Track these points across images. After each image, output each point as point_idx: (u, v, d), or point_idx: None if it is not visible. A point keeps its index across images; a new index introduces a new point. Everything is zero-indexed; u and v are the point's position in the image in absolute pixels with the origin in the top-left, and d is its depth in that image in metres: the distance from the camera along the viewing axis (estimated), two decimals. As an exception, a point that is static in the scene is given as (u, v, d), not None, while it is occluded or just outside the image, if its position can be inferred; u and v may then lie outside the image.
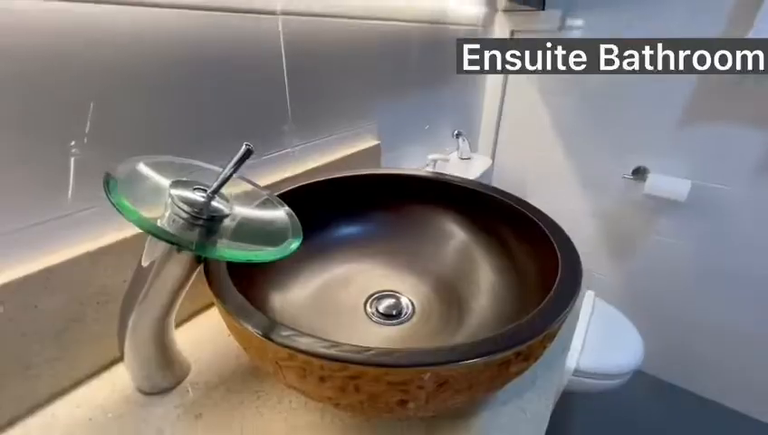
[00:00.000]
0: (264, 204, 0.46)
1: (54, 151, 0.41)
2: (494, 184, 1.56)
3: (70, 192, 0.43)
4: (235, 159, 0.35)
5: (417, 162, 1.13)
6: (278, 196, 0.53)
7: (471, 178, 1.12)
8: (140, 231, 0.33)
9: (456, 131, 1.25)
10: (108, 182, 0.32)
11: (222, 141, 0.57)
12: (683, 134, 1.18)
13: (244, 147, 0.35)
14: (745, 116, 1.09)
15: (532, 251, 0.53)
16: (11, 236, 0.39)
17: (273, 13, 0.59)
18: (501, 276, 0.56)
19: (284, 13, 0.60)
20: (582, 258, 0.42)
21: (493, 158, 1.54)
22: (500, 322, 0.48)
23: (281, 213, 0.44)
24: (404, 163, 1.07)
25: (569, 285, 0.40)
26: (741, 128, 1.10)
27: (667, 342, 1.44)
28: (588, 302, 1.26)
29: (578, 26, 1.25)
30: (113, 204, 0.30)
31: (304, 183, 0.60)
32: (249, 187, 0.48)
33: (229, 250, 0.36)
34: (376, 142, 0.89)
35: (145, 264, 0.37)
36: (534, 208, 0.56)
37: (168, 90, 0.49)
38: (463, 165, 1.25)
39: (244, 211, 0.42)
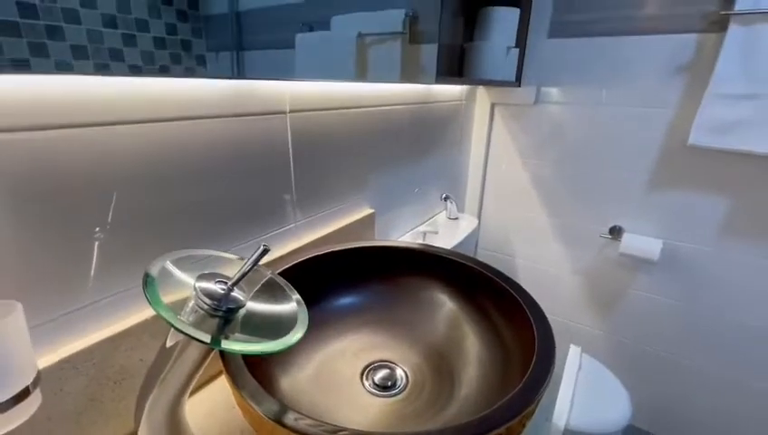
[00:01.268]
0: (272, 286, 0.50)
1: (80, 250, 0.45)
2: (481, 242, 1.65)
3: (91, 283, 0.47)
4: (254, 257, 0.40)
5: (408, 223, 1.20)
6: (282, 271, 0.58)
7: (459, 238, 1.21)
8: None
9: (444, 195, 1.33)
10: (146, 281, 0.37)
11: (235, 224, 0.63)
12: (652, 196, 1.27)
13: (261, 247, 0.40)
14: (705, 182, 1.18)
15: (512, 324, 0.58)
16: (47, 326, 0.43)
17: (282, 112, 0.66)
18: (486, 347, 0.60)
19: (292, 111, 0.68)
20: (568, 312, 0.47)
21: (479, 217, 1.62)
22: (487, 394, 0.52)
23: (289, 299, 0.48)
24: (396, 224, 1.13)
25: (543, 365, 0.45)
26: (703, 192, 1.19)
27: (654, 394, 1.45)
28: (574, 358, 1.28)
29: (552, 100, 1.37)
30: (149, 302, 0.35)
31: (304, 258, 0.64)
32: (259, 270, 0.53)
33: (242, 344, 0.40)
34: (370, 211, 0.95)
35: (169, 344, 0.41)
36: (513, 282, 0.62)
37: (187, 182, 0.54)
38: (451, 225, 1.31)
39: (256, 301, 0.46)
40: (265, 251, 0.41)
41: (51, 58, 0.34)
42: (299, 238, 0.77)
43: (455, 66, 1.22)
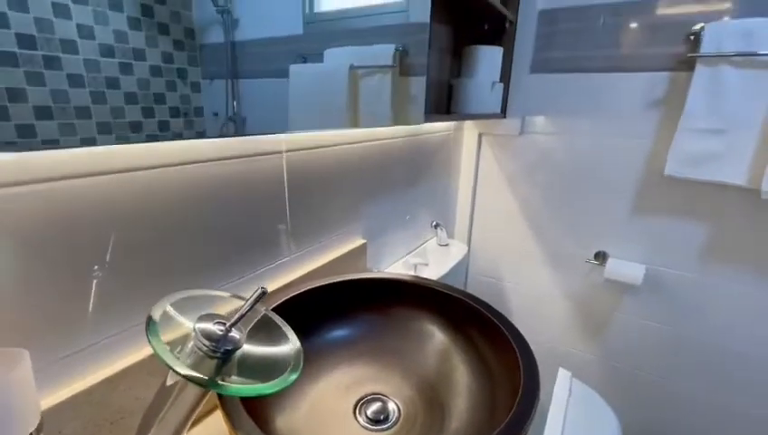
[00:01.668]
0: (267, 323, 0.51)
1: (80, 292, 0.47)
2: (472, 267, 1.67)
3: (90, 324, 0.48)
4: (252, 299, 0.42)
5: (399, 250, 1.22)
6: (276, 306, 0.60)
7: (449, 265, 1.23)
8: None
9: (434, 222, 1.36)
10: (149, 325, 0.39)
11: (233, 259, 0.64)
12: (635, 223, 1.31)
13: (260, 290, 0.42)
14: (683, 210, 1.23)
15: (498, 356, 0.60)
16: (49, 370, 0.45)
17: (279, 152, 0.69)
18: (475, 379, 0.62)
19: (288, 150, 0.71)
20: (558, 336, 0.48)
21: (469, 243, 1.65)
22: (477, 426, 0.54)
23: (284, 337, 0.49)
24: (387, 251, 1.15)
25: (528, 399, 0.47)
26: (682, 219, 1.24)
27: (644, 419, 1.46)
28: (564, 383, 1.29)
29: (537, 131, 1.42)
30: (152, 346, 0.37)
31: (298, 292, 0.66)
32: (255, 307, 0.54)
33: (238, 386, 0.41)
34: (362, 242, 0.97)
35: (168, 384, 0.42)
36: (500, 315, 0.64)
37: (184, 222, 0.56)
38: (442, 251, 1.34)
39: (252, 341, 0.47)
40: (263, 293, 0.42)
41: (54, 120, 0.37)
42: (293, 271, 0.78)
43: (443, 100, 1.27)
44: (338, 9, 0.62)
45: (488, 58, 1.22)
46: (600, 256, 1.39)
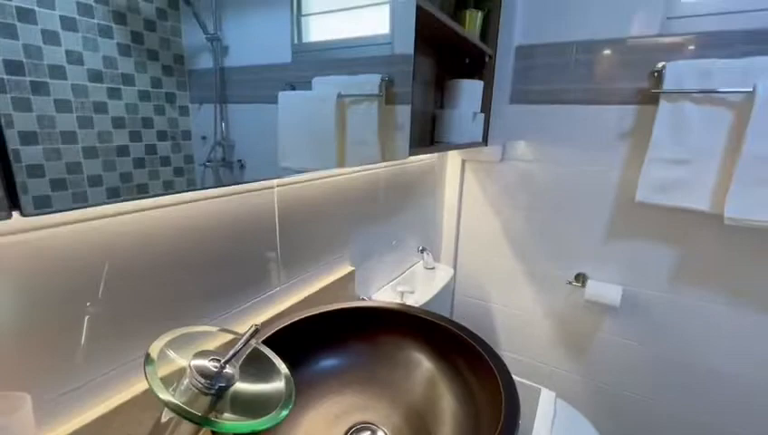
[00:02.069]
0: (259, 356, 0.50)
1: (76, 331, 0.45)
2: (458, 289, 1.65)
3: (85, 362, 0.47)
4: (245, 337, 0.42)
5: (387, 275, 1.20)
6: (266, 338, 0.57)
7: (436, 289, 1.21)
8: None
9: (420, 247, 1.34)
10: (146, 364, 0.38)
11: (226, 292, 0.63)
12: (611, 246, 1.32)
13: (253, 328, 0.43)
14: (655, 233, 1.24)
15: (482, 383, 0.58)
16: (45, 409, 0.43)
17: (271, 187, 0.69)
18: (461, 406, 0.60)
19: (279, 185, 0.70)
20: (542, 356, 0.47)
21: (455, 266, 1.63)
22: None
23: (275, 371, 0.48)
24: (375, 277, 1.13)
25: (509, 429, 0.45)
26: (654, 242, 1.25)
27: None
28: (549, 404, 1.26)
29: (517, 157, 1.43)
30: (150, 384, 0.36)
31: (288, 323, 0.64)
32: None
33: (231, 423, 0.39)
34: (351, 269, 0.95)
35: (164, 420, 0.41)
36: (484, 343, 0.63)
37: (177, 258, 0.55)
38: (428, 275, 1.32)
39: (244, 375, 0.46)
40: (256, 331, 0.43)
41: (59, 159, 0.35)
42: (283, 301, 0.76)
43: (427, 130, 1.28)
44: (325, 40, 0.62)
45: (469, 90, 1.24)
46: (581, 278, 1.39)
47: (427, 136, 1.29)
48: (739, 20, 1.04)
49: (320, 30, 0.60)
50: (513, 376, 0.55)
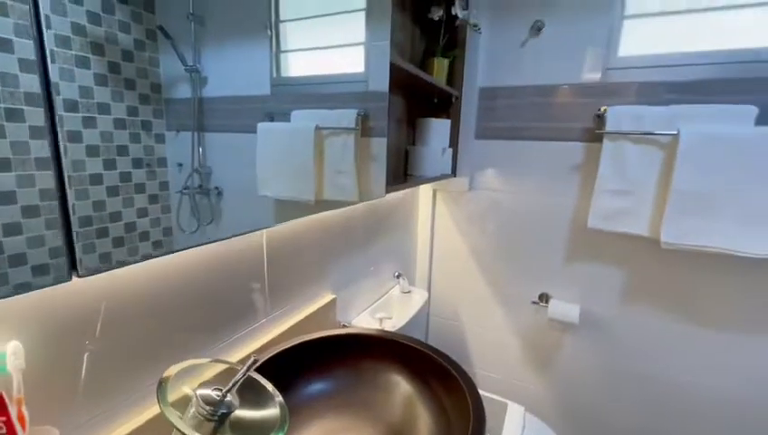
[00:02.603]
0: (253, 384, 0.50)
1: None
2: (432, 310, 1.62)
3: (88, 397, 0.45)
4: (245, 368, 0.43)
5: (366, 300, 1.17)
6: (258, 366, 0.55)
7: (412, 312, 1.18)
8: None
9: (396, 272, 1.31)
10: (160, 395, 0.39)
11: (217, 325, 0.62)
12: (569, 267, 1.33)
13: (252, 359, 0.44)
14: (606, 256, 1.26)
15: (453, 401, 0.59)
16: None
17: (260, 229, 0.67)
18: (435, 423, 0.59)
19: (267, 228, 0.69)
20: (511, 373, 0.45)
21: (429, 289, 1.60)
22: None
23: (269, 398, 0.49)
24: (355, 302, 1.10)
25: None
26: (605, 264, 1.27)
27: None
28: (518, 418, 1.22)
29: (484, 187, 1.45)
30: (164, 413, 0.38)
31: (276, 351, 0.63)
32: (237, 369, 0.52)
33: None
34: (332, 297, 0.93)
35: None
36: (455, 364, 0.63)
37: (174, 300, 0.54)
38: (405, 299, 1.29)
39: (243, 402, 0.47)
40: (255, 362, 0.44)
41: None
42: (271, 331, 0.74)
43: (401, 165, 1.28)
44: (304, 75, 0.61)
45: (438, 128, 1.27)
46: (544, 298, 1.38)
47: (401, 170, 1.29)
48: (663, 73, 1.12)
49: (298, 65, 0.59)
50: (483, 392, 0.57)
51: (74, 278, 0.37)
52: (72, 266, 0.37)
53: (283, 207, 0.63)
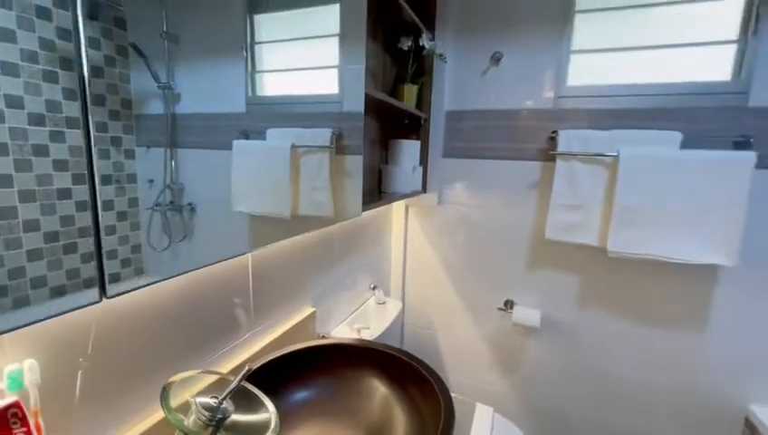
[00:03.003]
0: (245, 392, 0.50)
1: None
2: (407, 319, 1.60)
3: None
4: (240, 377, 0.45)
5: (343, 312, 1.15)
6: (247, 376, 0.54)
7: (387, 322, 1.16)
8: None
9: (372, 284, 1.30)
10: (164, 392, 0.42)
11: (206, 341, 0.62)
12: (531, 275, 1.36)
13: (246, 368, 0.46)
14: (562, 265, 1.30)
15: (426, 401, 0.60)
16: None
17: (244, 253, 0.66)
18: (411, 423, 0.60)
19: (255, 250, 0.68)
20: (481, 376, 0.46)
21: (403, 299, 1.59)
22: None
23: (260, 405, 0.50)
24: (333, 314, 1.08)
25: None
26: (562, 272, 1.31)
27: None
28: (487, 419, 1.21)
29: (452, 202, 1.47)
30: (170, 420, 0.40)
31: (263, 362, 0.63)
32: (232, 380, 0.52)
33: None
34: (312, 310, 0.91)
35: None
36: (427, 366, 0.64)
37: (168, 321, 0.54)
38: (380, 310, 1.27)
39: (237, 408, 0.48)
40: (249, 370, 0.45)
41: None
42: (255, 344, 0.74)
43: (375, 183, 1.28)
44: (279, 95, 0.60)
45: (409, 149, 1.28)
46: (509, 304, 1.40)
47: (376, 188, 1.29)
48: (606, 102, 1.19)
49: (274, 85, 0.58)
50: (453, 394, 0.58)
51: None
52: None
53: (258, 223, 0.61)
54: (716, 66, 1.10)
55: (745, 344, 1.13)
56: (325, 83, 0.73)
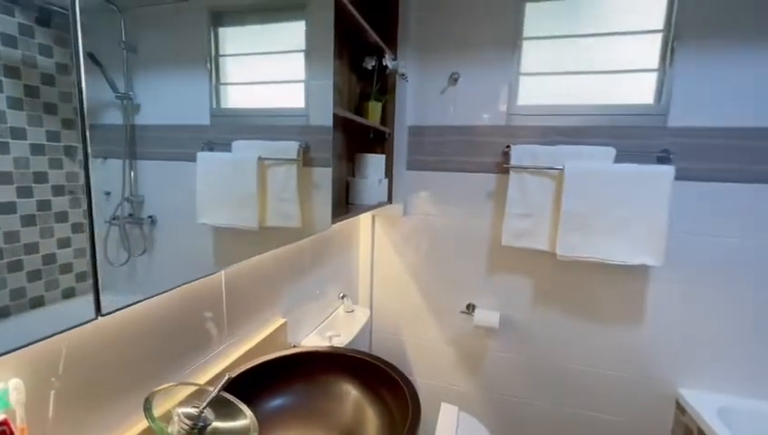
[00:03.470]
0: (224, 401, 0.50)
1: None
2: (375, 327, 1.60)
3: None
4: (220, 385, 0.46)
5: (314, 321, 1.13)
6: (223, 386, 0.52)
7: (356, 330, 1.15)
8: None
9: (341, 294, 1.28)
10: (146, 403, 0.42)
11: (181, 354, 0.61)
12: (490, 279, 1.41)
13: (227, 376, 0.46)
14: (517, 268, 1.37)
15: (396, 402, 0.61)
16: None
17: (218, 271, 0.65)
18: (381, 423, 0.62)
19: (225, 268, 0.66)
20: (446, 377, 0.48)
21: (371, 307, 1.58)
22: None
23: (239, 412, 0.50)
24: (304, 324, 1.06)
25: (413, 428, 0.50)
26: (518, 275, 1.37)
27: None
28: (452, 417, 1.22)
29: (416, 212, 1.49)
30: (151, 424, 0.40)
31: (241, 371, 0.63)
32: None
33: None
34: (283, 321, 0.89)
35: None
36: (396, 368, 0.66)
37: (146, 338, 0.54)
38: (349, 318, 1.25)
39: (217, 416, 0.48)
40: (229, 379, 0.46)
41: None
42: (229, 356, 0.72)
43: (343, 195, 1.28)
44: (245, 107, 0.59)
45: (375, 162, 1.30)
46: (471, 307, 1.44)
47: (343, 200, 1.29)
48: (552, 120, 1.29)
49: (239, 97, 0.57)
50: (420, 394, 0.59)
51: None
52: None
53: (224, 234, 0.58)
54: (642, 91, 1.23)
55: (674, 335, 1.24)
56: (292, 97, 0.72)
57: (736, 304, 1.18)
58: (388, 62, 1.21)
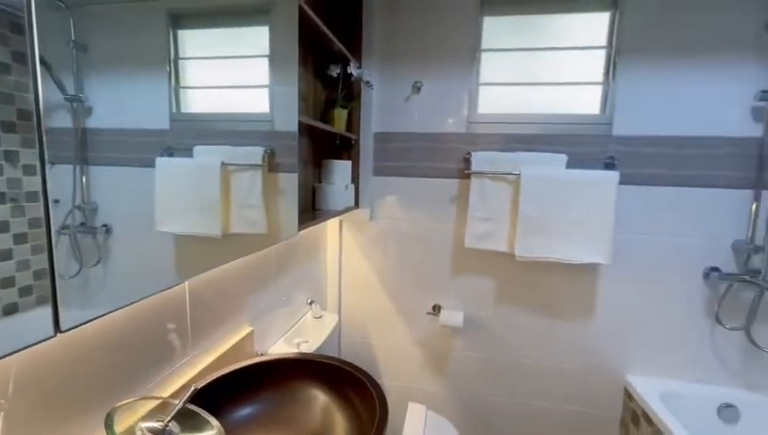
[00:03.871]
0: (191, 413, 0.48)
1: None
2: (343, 331, 1.59)
3: None
4: (186, 397, 0.45)
5: (282, 327, 1.11)
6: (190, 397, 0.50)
7: (324, 336, 1.14)
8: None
9: (309, 299, 1.26)
10: (108, 419, 0.40)
11: (146, 366, 0.60)
12: (454, 280, 1.46)
13: (192, 388, 0.46)
14: (480, 269, 1.43)
15: (364, 404, 0.62)
16: None
17: (182, 283, 0.63)
18: (350, 424, 0.63)
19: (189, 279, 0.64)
20: (414, 378, 0.51)
21: (339, 312, 1.57)
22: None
23: (206, 423, 0.49)
24: (271, 331, 1.04)
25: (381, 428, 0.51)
26: (480, 276, 1.44)
27: (485, 430, 1.50)
28: (419, 416, 1.24)
29: (382, 216, 1.51)
30: None
31: (206, 382, 0.62)
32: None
33: None
34: (249, 329, 0.87)
35: None
36: (363, 371, 0.68)
37: (108, 350, 0.52)
38: (317, 324, 1.24)
39: (184, 429, 0.47)
40: (195, 390, 0.46)
41: None
42: (195, 366, 0.70)
43: (310, 201, 1.27)
44: (206, 112, 0.57)
45: (341, 168, 1.30)
46: (436, 308, 1.48)
47: (310, 205, 1.28)
48: (509, 128, 1.37)
49: (200, 102, 0.55)
50: (389, 396, 0.60)
51: None
52: None
53: (185, 242, 0.56)
54: (590, 102, 1.35)
55: (621, 326, 1.36)
56: (256, 102, 0.71)
57: (673, 296, 1.31)
58: (352, 70, 1.22)
